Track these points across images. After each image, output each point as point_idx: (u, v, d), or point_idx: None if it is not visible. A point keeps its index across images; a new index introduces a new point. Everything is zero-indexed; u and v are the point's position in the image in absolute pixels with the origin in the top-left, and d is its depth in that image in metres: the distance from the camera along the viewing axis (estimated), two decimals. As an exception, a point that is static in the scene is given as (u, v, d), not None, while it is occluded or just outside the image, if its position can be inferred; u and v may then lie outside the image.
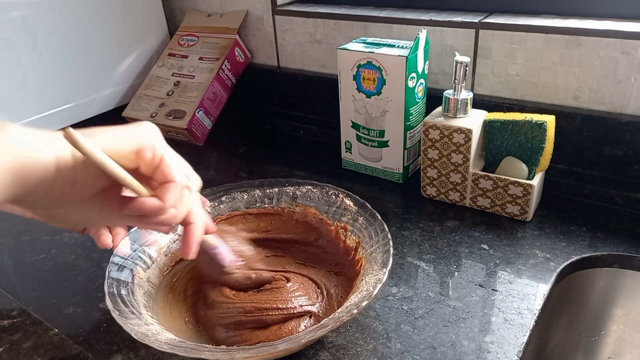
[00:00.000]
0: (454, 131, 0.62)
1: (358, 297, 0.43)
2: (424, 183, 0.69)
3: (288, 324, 0.47)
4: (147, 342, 0.40)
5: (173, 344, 0.40)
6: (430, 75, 0.74)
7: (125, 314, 0.43)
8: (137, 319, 0.43)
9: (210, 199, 0.59)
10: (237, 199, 0.60)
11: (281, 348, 0.40)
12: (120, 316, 0.43)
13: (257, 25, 0.93)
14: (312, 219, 0.58)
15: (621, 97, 0.63)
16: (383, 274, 0.45)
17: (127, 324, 0.42)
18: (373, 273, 0.46)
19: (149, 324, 0.44)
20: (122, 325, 0.41)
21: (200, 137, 0.91)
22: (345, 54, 0.70)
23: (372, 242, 0.51)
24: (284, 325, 0.47)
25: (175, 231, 0.56)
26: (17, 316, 0.52)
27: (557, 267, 0.55)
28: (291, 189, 0.60)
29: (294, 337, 0.42)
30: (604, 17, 0.66)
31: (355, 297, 0.44)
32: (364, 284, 0.46)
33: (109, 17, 0.91)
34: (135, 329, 0.41)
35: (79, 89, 0.90)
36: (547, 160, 0.63)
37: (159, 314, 0.48)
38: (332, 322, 0.41)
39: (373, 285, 0.44)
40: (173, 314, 0.50)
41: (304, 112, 0.92)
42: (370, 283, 0.44)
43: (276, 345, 0.40)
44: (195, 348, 0.41)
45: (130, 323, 0.42)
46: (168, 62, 0.97)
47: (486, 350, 0.45)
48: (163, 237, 0.55)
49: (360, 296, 0.43)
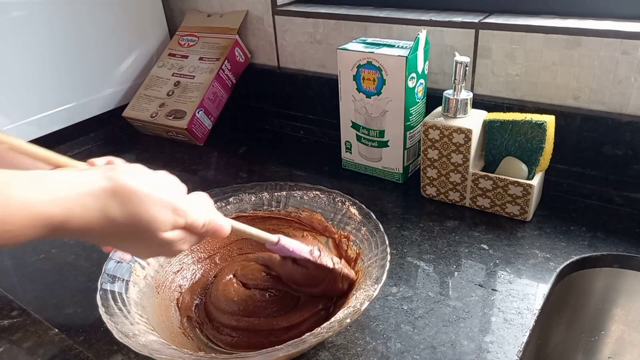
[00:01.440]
0: (454, 131, 0.62)
1: (344, 313, 0.43)
2: (424, 183, 0.69)
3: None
4: (126, 342, 0.40)
5: (151, 347, 0.40)
6: (430, 75, 0.74)
7: (112, 311, 0.43)
8: (123, 317, 0.43)
9: (218, 199, 0.59)
10: (244, 201, 0.60)
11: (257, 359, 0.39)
12: (106, 313, 0.43)
13: (257, 26, 0.93)
14: (317, 225, 0.58)
15: (621, 97, 0.63)
16: (374, 291, 0.44)
17: (110, 322, 0.42)
18: (365, 288, 0.46)
19: (134, 324, 0.43)
20: (106, 323, 0.42)
21: (200, 137, 0.91)
22: (345, 54, 0.70)
23: (370, 254, 0.50)
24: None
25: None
26: (17, 316, 0.52)
27: (557, 267, 0.55)
28: (299, 194, 0.60)
29: (272, 350, 0.41)
30: (604, 17, 0.66)
31: (342, 313, 0.44)
32: (354, 299, 0.45)
33: (109, 17, 0.91)
34: (117, 328, 0.41)
35: (79, 89, 0.90)
36: (547, 160, 0.63)
37: (151, 313, 0.48)
38: (311, 337, 0.41)
39: (361, 302, 0.43)
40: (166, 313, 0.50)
41: (304, 112, 0.92)
42: (360, 299, 0.44)
43: (250, 358, 0.40)
44: (172, 354, 0.40)
45: (114, 321, 0.42)
46: (168, 62, 0.97)
47: (486, 350, 0.45)
48: None
49: (347, 312, 0.43)
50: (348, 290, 0.49)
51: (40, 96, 0.84)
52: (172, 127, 0.89)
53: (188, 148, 0.91)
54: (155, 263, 0.53)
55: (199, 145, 0.91)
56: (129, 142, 0.94)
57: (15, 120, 0.82)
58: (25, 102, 0.83)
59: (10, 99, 0.81)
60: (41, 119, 0.85)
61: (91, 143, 0.93)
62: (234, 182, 0.77)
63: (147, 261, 0.52)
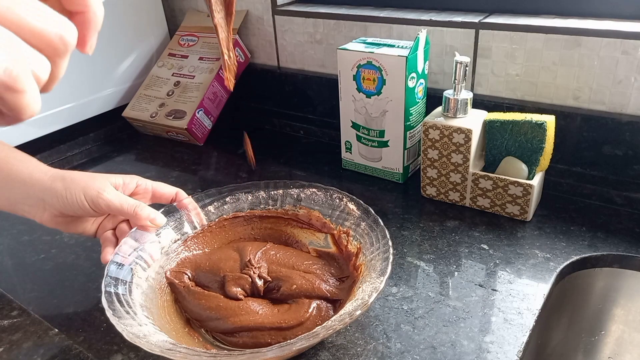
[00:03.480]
0: (454, 131, 0.62)
1: (353, 306, 0.43)
2: (424, 183, 0.69)
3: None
4: (138, 343, 0.40)
5: (163, 347, 0.40)
6: (430, 75, 0.74)
7: (119, 313, 0.43)
8: (131, 319, 0.43)
9: (215, 199, 0.59)
10: (241, 200, 0.60)
11: (270, 355, 0.39)
12: (114, 315, 0.42)
13: (257, 25, 0.93)
14: (315, 222, 0.58)
15: (621, 97, 0.63)
16: (380, 283, 0.44)
17: (119, 324, 0.41)
18: (370, 281, 0.46)
19: (142, 325, 0.43)
20: (115, 325, 0.41)
21: (200, 137, 0.91)
22: (345, 54, 0.70)
23: (372, 248, 0.50)
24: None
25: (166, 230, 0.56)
26: (17, 316, 0.52)
27: (557, 267, 0.55)
28: (295, 191, 0.60)
29: (284, 344, 0.41)
30: (604, 17, 0.66)
31: (350, 306, 0.44)
32: (360, 291, 0.45)
33: (109, 17, 0.90)
34: (127, 330, 0.41)
35: (79, 89, 0.90)
36: (547, 160, 0.63)
37: (155, 314, 0.48)
38: (324, 330, 0.41)
39: (369, 294, 0.43)
40: (170, 314, 0.50)
41: (304, 112, 0.92)
42: (367, 291, 0.44)
43: (265, 352, 0.40)
44: (186, 352, 0.40)
45: (123, 323, 0.42)
46: (168, 62, 0.97)
47: (486, 350, 0.45)
48: (164, 236, 0.55)
49: (355, 305, 0.43)
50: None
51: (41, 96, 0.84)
52: (172, 127, 0.89)
53: (188, 148, 0.91)
54: (155, 265, 0.53)
55: (199, 145, 0.91)
56: (129, 142, 0.94)
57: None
58: (25, 102, 0.83)
59: (10, 99, 0.81)
60: (41, 119, 0.85)
61: (91, 143, 0.93)
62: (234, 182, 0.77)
63: (148, 262, 0.52)
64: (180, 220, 0.57)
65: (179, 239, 0.56)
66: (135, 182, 0.55)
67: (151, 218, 0.52)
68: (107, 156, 0.90)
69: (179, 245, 0.56)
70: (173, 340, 0.43)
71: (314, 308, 0.49)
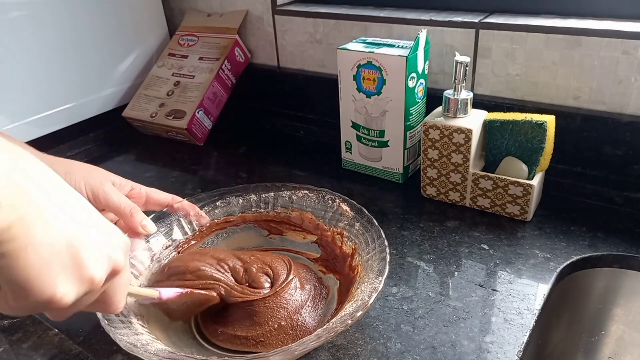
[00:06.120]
0: (454, 131, 0.62)
1: (353, 307, 0.43)
2: (424, 183, 0.68)
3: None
4: (136, 352, 0.40)
5: (162, 355, 0.40)
6: (430, 75, 0.74)
7: (114, 323, 0.43)
8: (126, 329, 0.43)
9: (206, 203, 0.59)
10: (232, 204, 0.60)
11: (273, 359, 0.40)
12: (109, 325, 0.42)
13: (257, 25, 0.93)
14: (308, 224, 0.58)
15: (621, 97, 0.63)
16: (379, 283, 0.44)
17: (115, 334, 0.41)
18: (369, 281, 0.46)
19: (138, 334, 0.43)
20: (111, 335, 0.41)
21: (200, 137, 0.91)
22: (345, 54, 0.70)
23: (368, 248, 0.50)
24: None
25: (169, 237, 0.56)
26: (17, 316, 0.52)
27: (557, 267, 0.55)
28: (287, 194, 0.60)
29: (286, 348, 0.41)
30: (604, 17, 0.66)
31: (350, 307, 0.44)
32: (359, 292, 0.45)
33: (109, 17, 0.91)
34: (124, 340, 0.41)
35: (79, 89, 0.90)
36: (547, 160, 0.63)
37: (151, 322, 0.47)
38: (325, 332, 0.41)
39: (368, 295, 0.43)
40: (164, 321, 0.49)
41: (304, 112, 0.92)
42: (366, 292, 0.44)
43: (268, 356, 0.40)
44: (184, 359, 0.40)
45: (119, 333, 0.42)
46: (168, 62, 0.97)
47: (486, 350, 0.45)
48: (155, 243, 0.55)
49: (355, 306, 0.43)
50: None
51: (40, 96, 0.84)
52: (172, 127, 0.89)
53: (188, 148, 0.91)
54: (147, 272, 0.52)
55: (199, 145, 0.91)
56: (129, 142, 0.94)
57: (15, 120, 0.82)
58: (25, 102, 0.83)
59: (10, 99, 0.81)
60: (41, 119, 0.85)
61: (91, 143, 0.93)
62: (234, 182, 0.77)
63: (140, 271, 0.52)
64: (170, 226, 0.56)
65: (170, 245, 0.56)
66: (130, 186, 0.55)
67: (143, 224, 0.52)
68: (107, 156, 0.90)
69: (170, 251, 0.55)
70: (170, 348, 0.43)
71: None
